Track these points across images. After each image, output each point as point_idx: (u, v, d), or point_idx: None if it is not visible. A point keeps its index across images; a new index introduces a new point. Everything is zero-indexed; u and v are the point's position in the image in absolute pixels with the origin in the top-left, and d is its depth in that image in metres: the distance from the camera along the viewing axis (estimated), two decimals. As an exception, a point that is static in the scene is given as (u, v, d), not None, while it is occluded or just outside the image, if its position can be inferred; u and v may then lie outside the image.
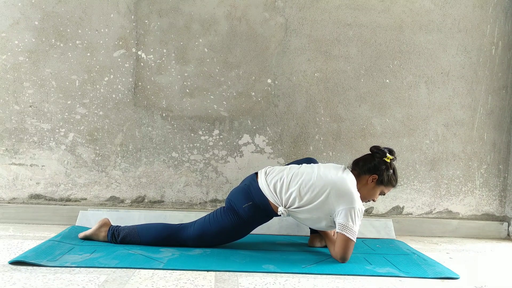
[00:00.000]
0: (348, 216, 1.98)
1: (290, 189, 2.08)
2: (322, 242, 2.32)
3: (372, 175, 2.13)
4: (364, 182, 2.15)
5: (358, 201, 2.01)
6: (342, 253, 2.00)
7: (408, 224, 2.77)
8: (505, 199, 2.84)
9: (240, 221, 2.12)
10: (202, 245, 2.16)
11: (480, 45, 2.78)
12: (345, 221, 1.98)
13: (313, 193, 2.04)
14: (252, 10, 2.67)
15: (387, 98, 2.76)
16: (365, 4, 2.71)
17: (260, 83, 2.70)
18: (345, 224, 1.98)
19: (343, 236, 1.98)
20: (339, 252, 2.01)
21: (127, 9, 2.64)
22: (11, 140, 2.62)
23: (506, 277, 2.00)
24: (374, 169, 2.14)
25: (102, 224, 2.22)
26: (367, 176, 2.14)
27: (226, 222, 2.13)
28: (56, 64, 2.62)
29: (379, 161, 2.14)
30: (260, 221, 2.17)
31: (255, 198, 2.11)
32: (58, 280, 1.63)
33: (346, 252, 2.00)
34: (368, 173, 2.14)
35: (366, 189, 2.15)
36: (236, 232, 2.16)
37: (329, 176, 2.06)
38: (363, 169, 2.15)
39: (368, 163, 2.15)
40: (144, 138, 2.67)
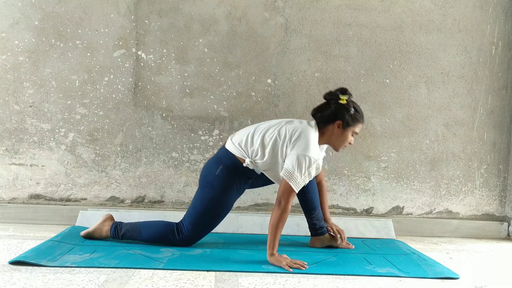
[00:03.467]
0: (296, 162, 1.95)
1: (254, 140, 2.09)
2: (323, 243, 2.32)
3: (336, 122, 2.07)
4: (330, 132, 2.09)
5: (313, 151, 1.98)
6: (280, 195, 1.97)
7: (408, 224, 2.77)
8: (505, 199, 2.84)
9: (219, 189, 2.10)
10: (201, 232, 2.14)
11: (480, 45, 2.78)
12: (292, 167, 1.95)
13: (275, 142, 2.04)
14: (252, 10, 2.67)
15: (387, 98, 2.76)
16: (365, 4, 2.71)
17: (260, 83, 2.70)
18: (291, 171, 1.96)
19: (286, 183, 1.96)
20: (279, 193, 1.98)
21: (127, 9, 2.64)
22: (11, 140, 2.62)
23: (506, 277, 2.00)
24: (334, 116, 2.07)
25: (106, 219, 2.23)
26: (331, 125, 2.08)
27: (207, 198, 2.11)
28: (56, 64, 2.62)
29: (336, 107, 2.07)
30: (238, 182, 2.12)
31: (224, 160, 2.12)
32: (58, 280, 1.63)
33: (285, 196, 1.96)
34: (331, 121, 2.08)
35: (336, 137, 2.10)
36: (222, 204, 2.12)
37: (293, 125, 2.08)
38: (324, 120, 2.09)
39: (326, 112, 2.08)
40: (144, 138, 2.67)
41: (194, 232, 2.14)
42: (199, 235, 2.16)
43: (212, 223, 2.16)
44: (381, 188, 2.77)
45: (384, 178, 2.77)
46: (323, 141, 2.13)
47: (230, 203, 2.17)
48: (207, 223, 2.15)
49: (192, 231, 2.14)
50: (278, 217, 1.96)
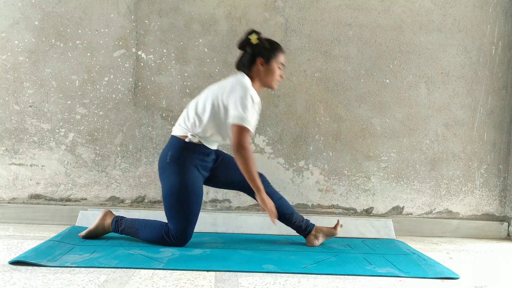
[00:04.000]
0: (239, 102, 1.99)
1: (189, 114, 2.13)
2: (319, 239, 2.31)
3: (258, 61, 2.12)
4: (257, 73, 2.14)
5: (250, 89, 2.03)
6: (236, 141, 1.99)
7: (408, 224, 2.77)
8: (505, 199, 2.84)
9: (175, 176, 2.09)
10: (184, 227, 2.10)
11: (480, 45, 2.78)
12: (236, 110, 1.99)
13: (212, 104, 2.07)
14: (252, 10, 2.67)
15: (387, 98, 2.76)
16: (365, 4, 2.72)
17: (260, 83, 2.70)
18: (238, 113, 1.99)
19: (238, 126, 1.99)
20: (234, 141, 1.99)
21: (127, 9, 2.64)
22: (11, 140, 2.62)
23: (506, 277, 2.00)
24: (253, 57, 2.13)
25: (106, 213, 2.24)
26: (255, 66, 2.13)
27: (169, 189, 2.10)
28: (56, 64, 2.62)
29: (251, 49, 2.13)
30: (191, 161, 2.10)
31: (170, 146, 2.14)
32: (58, 280, 1.63)
33: (241, 140, 1.98)
34: (253, 63, 2.13)
35: (264, 75, 2.14)
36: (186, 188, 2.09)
37: (222, 82, 2.12)
38: (247, 65, 2.14)
39: (245, 58, 2.15)
40: (144, 138, 2.67)
41: (178, 228, 2.11)
42: (185, 230, 2.12)
43: (188, 212, 2.10)
44: (381, 188, 2.77)
45: (384, 178, 2.77)
46: (256, 86, 2.15)
47: (195, 185, 2.11)
48: (182, 214, 2.10)
49: (176, 229, 2.12)
50: (246, 163, 2.01)
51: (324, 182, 2.74)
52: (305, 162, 2.73)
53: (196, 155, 2.13)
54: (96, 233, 2.23)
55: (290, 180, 2.73)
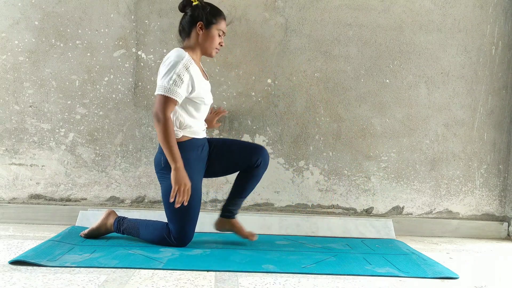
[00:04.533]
0: (162, 74, 1.98)
1: None
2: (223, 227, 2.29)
3: (197, 25, 2.08)
4: (196, 38, 2.11)
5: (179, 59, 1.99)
6: (155, 111, 1.97)
7: (408, 224, 2.77)
8: (505, 199, 2.84)
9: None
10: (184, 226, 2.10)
11: (480, 45, 2.78)
12: (160, 80, 1.99)
13: None
14: (252, 10, 2.67)
15: (387, 98, 2.76)
16: (365, 4, 2.72)
17: (260, 83, 2.70)
18: (159, 84, 1.99)
19: (159, 95, 1.98)
20: (154, 110, 1.98)
21: (127, 9, 2.64)
22: (11, 140, 2.62)
23: (506, 277, 2.00)
24: (192, 20, 2.09)
25: (109, 213, 2.24)
26: (194, 30, 2.10)
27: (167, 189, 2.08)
28: (56, 64, 2.62)
29: (191, 10, 2.09)
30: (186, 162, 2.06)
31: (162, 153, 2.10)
32: (58, 280, 1.63)
33: (160, 109, 1.96)
34: (193, 27, 2.09)
35: (203, 41, 2.10)
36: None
37: None
38: (186, 29, 2.11)
39: (185, 20, 2.12)
40: (144, 138, 2.67)
41: (178, 229, 2.11)
42: (185, 230, 2.11)
43: (187, 213, 2.09)
44: (381, 188, 2.77)
45: (384, 178, 2.77)
46: (195, 52, 2.12)
47: (193, 186, 2.07)
48: (182, 216, 2.09)
49: (176, 230, 2.12)
50: (163, 130, 1.97)
51: (324, 182, 2.74)
52: (305, 162, 2.73)
53: (188, 153, 2.11)
54: (99, 232, 2.23)
55: (290, 180, 2.73)
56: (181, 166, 2.00)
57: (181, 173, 2.00)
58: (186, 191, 2.00)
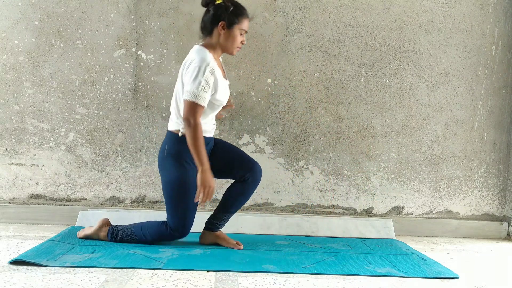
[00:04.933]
0: (191, 79, 1.97)
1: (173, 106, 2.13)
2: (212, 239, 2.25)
3: (219, 24, 2.05)
4: (217, 37, 2.08)
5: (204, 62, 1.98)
6: (186, 117, 1.97)
7: (408, 224, 2.77)
8: (505, 199, 2.84)
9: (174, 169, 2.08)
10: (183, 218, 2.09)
11: (480, 45, 2.78)
12: (188, 86, 1.97)
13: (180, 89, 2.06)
14: (252, 10, 2.67)
15: (387, 98, 2.76)
16: (365, 4, 2.71)
17: (260, 83, 2.70)
18: (187, 89, 1.97)
19: (186, 101, 1.97)
20: (184, 116, 1.98)
21: (127, 9, 2.64)
22: (11, 140, 2.62)
23: (506, 277, 2.00)
24: (214, 19, 2.06)
25: (103, 224, 2.23)
26: (216, 30, 2.07)
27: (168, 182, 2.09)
28: (56, 64, 2.62)
29: (213, 9, 2.06)
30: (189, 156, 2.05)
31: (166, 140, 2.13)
32: (58, 280, 1.63)
33: (190, 115, 1.96)
34: (214, 25, 2.07)
35: (224, 40, 2.08)
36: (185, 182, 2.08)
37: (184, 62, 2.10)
38: (208, 27, 2.09)
39: (207, 18, 2.08)
40: (144, 138, 2.67)
41: (177, 220, 2.10)
42: (184, 222, 2.10)
43: (186, 205, 2.09)
44: (381, 188, 2.77)
45: (384, 178, 2.77)
46: (216, 51, 2.11)
47: (193, 179, 2.06)
48: (181, 207, 2.09)
49: (174, 221, 2.10)
50: (193, 135, 1.97)
51: (324, 182, 2.74)
52: (305, 162, 2.73)
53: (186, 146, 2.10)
54: (92, 239, 2.23)
55: (290, 180, 2.73)
56: (208, 168, 2.01)
57: (207, 175, 2.00)
58: (210, 192, 2.01)
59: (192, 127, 1.97)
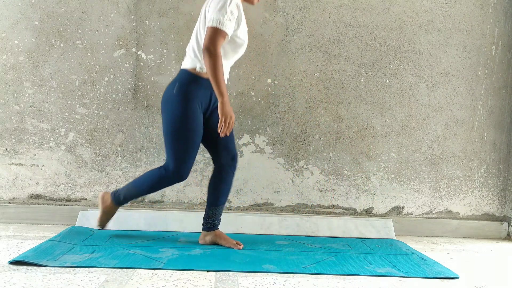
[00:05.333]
0: (216, 7, 1.95)
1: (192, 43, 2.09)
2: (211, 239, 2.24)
3: None
4: None
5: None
6: (207, 43, 1.93)
7: (408, 224, 2.77)
8: (505, 199, 2.84)
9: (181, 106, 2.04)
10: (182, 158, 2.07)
11: (480, 45, 2.78)
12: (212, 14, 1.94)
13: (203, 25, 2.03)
14: (252, 10, 2.67)
15: (387, 98, 2.76)
16: (365, 4, 2.72)
17: (260, 83, 2.70)
18: (211, 17, 1.94)
19: (211, 28, 1.94)
20: (205, 43, 1.94)
21: (127, 9, 2.64)
22: (11, 140, 2.62)
23: (506, 277, 2.00)
24: None
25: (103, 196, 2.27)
26: None
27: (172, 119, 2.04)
28: (56, 64, 2.62)
29: None
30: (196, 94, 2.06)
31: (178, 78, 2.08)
32: (58, 280, 1.63)
33: (211, 41, 1.93)
34: None
35: None
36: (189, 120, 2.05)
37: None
38: None
39: None
40: (144, 138, 2.67)
41: (177, 161, 2.07)
42: (184, 162, 2.07)
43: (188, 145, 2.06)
44: (381, 188, 2.77)
45: (384, 178, 2.77)
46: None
47: (198, 120, 2.07)
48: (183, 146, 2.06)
49: (175, 162, 2.07)
50: (213, 63, 1.94)
51: (324, 182, 2.74)
52: (305, 162, 2.73)
53: (203, 91, 2.08)
54: (109, 217, 2.28)
55: (290, 180, 2.73)
56: (228, 99, 2.01)
57: (228, 106, 2.00)
58: (232, 123, 2.02)
59: (213, 56, 1.94)
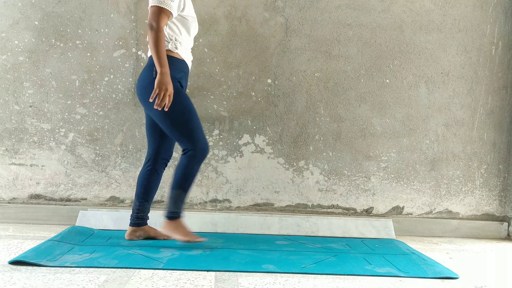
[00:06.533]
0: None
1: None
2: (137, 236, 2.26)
3: None
4: None
5: None
6: (150, 21, 1.97)
7: (408, 224, 2.77)
8: (505, 199, 2.84)
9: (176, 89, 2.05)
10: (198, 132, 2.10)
11: (480, 45, 2.78)
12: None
13: None
14: (252, 10, 2.67)
15: (387, 98, 2.76)
16: (365, 4, 2.72)
17: (260, 83, 2.70)
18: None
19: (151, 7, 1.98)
20: (148, 21, 1.98)
21: (127, 9, 2.64)
22: (11, 140, 2.62)
23: (506, 277, 2.00)
24: None
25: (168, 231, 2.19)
26: None
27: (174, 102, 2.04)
28: (56, 64, 2.62)
29: None
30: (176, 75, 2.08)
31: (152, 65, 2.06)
32: (58, 280, 1.63)
33: (154, 19, 1.96)
34: None
35: None
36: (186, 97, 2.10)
37: None
38: None
39: None
40: (144, 138, 2.66)
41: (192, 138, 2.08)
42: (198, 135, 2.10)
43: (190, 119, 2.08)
44: (381, 188, 2.77)
45: (384, 178, 2.77)
46: None
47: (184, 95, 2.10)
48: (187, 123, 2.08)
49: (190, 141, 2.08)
50: (155, 37, 1.96)
51: (324, 182, 2.74)
52: (305, 162, 2.73)
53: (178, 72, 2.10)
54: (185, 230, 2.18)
55: (290, 180, 2.73)
56: (167, 72, 1.99)
57: (166, 77, 1.98)
58: (168, 95, 1.99)
59: (154, 30, 1.97)
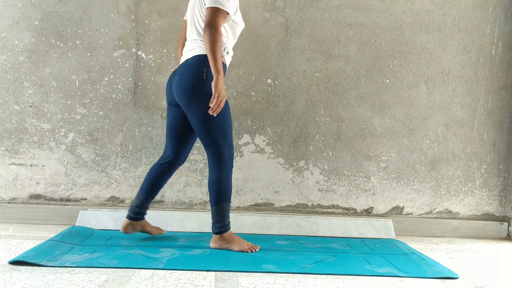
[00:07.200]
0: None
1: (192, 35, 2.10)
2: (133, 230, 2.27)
3: None
4: None
5: None
6: (208, 21, 1.93)
7: (408, 224, 2.77)
8: (505, 199, 2.84)
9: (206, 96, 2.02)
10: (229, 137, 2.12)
11: (480, 45, 2.78)
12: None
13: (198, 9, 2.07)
14: (252, 10, 2.67)
15: (387, 98, 2.76)
16: (365, 4, 2.72)
17: (260, 83, 2.70)
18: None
19: (212, 7, 1.95)
20: (206, 22, 1.95)
21: (127, 9, 2.64)
22: (11, 140, 2.62)
23: (506, 277, 2.00)
24: None
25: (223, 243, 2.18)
26: None
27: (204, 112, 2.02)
28: (56, 64, 2.62)
29: None
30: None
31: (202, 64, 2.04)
32: (58, 280, 1.63)
33: (213, 20, 1.93)
34: None
35: None
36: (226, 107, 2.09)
37: None
38: None
39: None
40: (144, 138, 2.67)
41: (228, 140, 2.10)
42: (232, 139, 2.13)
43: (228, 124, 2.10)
44: (381, 188, 2.77)
45: (384, 178, 2.77)
46: None
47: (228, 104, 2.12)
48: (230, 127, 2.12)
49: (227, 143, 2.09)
50: (214, 40, 1.92)
51: (324, 182, 2.74)
52: (305, 162, 2.73)
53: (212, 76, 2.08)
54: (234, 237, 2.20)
55: (290, 180, 2.73)
56: (223, 78, 1.98)
57: (222, 84, 1.98)
58: (222, 102, 1.99)
59: (214, 32, 1.93)
